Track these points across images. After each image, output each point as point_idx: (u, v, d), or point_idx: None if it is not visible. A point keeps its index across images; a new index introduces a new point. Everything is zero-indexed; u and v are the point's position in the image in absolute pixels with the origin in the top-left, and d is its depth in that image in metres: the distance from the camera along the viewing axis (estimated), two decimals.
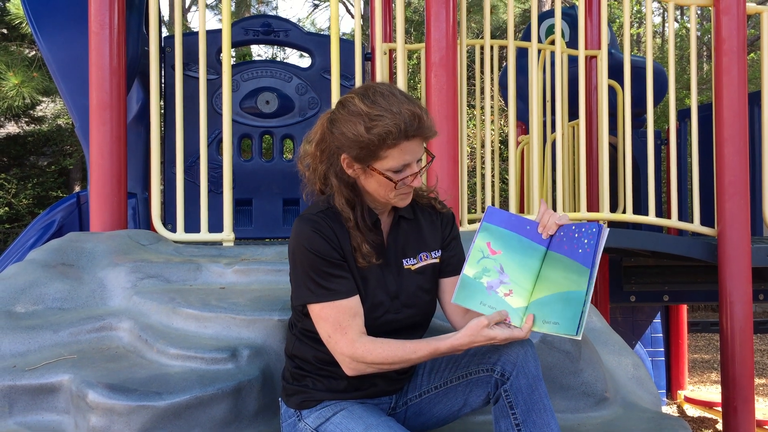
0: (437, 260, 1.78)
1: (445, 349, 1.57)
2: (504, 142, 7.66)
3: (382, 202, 1.70)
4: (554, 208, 4.34)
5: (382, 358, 1.59)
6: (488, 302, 1.62)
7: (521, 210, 5.06)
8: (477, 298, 1.63)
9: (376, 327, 1.66)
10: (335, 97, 3.03)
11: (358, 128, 1.59)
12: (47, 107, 11.54)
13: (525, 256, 1.64)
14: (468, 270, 1.65)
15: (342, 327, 1.61)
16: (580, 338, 1.55)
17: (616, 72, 4.22)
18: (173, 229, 3.00)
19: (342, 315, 1.62)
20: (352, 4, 15.57)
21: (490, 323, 1.55)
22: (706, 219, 3.55)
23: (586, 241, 1.59)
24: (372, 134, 1.58)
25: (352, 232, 1.67)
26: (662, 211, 5.66)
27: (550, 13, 5.51)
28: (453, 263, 1.78)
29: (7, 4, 8.97)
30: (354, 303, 1.64)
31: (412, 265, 1.75)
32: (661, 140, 5.28)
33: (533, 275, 1.63)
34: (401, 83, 3.40)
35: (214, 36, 3.78)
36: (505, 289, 1.62)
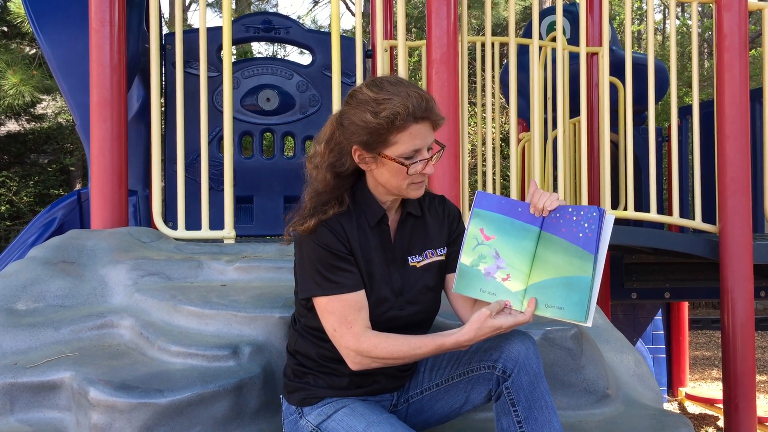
0: (443, 257, 1.77)
1: (450, 345, 1.57)
2: (505, 140, 7.66)
3: (395, 193, 1.69)
4: None
5: (386, 353, 1.59)
6: (488, 288, 1.62)
7: None
8: (476, 285, 1.63)
9: (380, 323, 1.66)
10: (336, 94, 3.03)
11: (366, 115, 1.59)
12: (48, 105, 11.54)
13: (519, 239, 1.63)
14: (464, 258, 1.65)
15: (347, 321, 1.61)
16: (589, 325, 1.54)
17: (617, 69, 4.21)
18: (174, 227, 3.00)
19: (348, 309, 1.61)
20: (352, 2, 15.56)
21: (492, 313, 1.55)
22: (708, 216, 3.55)
23: (586, 225, 1.57)
24: (380, 118, 1.58)
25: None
26: (663, 208, 5.65)
27: (552, 10, 5.51)
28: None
29: (8, 3, 8.97)
30: (360, 297, 1.64)
31: (418, 262, 1.74)
32: (663, 137, 5.28)
33: (529, 257, 1.61)
34: None
35: (214, 33, 3.77)
36: (502, 274, 1.61)
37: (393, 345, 1.58)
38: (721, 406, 4.24)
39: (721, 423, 5.24)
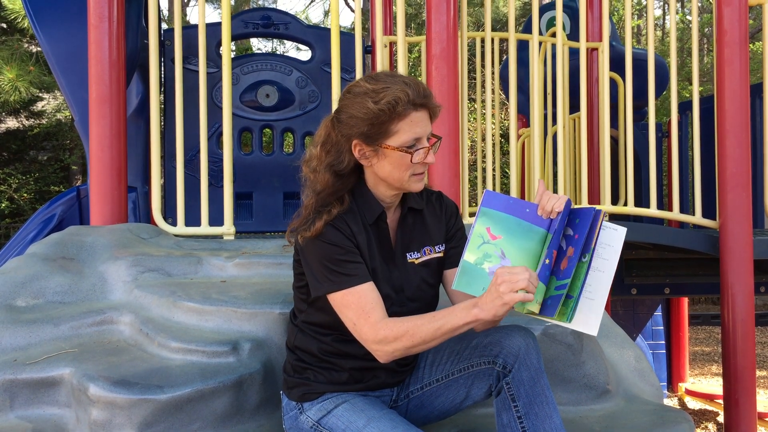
0: (441, 254, 1.77)
1: (476, 313, 1.49)
2: (505, 135, 7.65)
3: (397, 187, 1.68)
4: None
5: (405, 333, 1.53)
6: None
7: None
8: (479, 283, 1.60)
9: None
10: (336, 90, 3.02)
11: (366, 104, 1.59)
12: (49, 103, 11.53)
13: (526, 240, 1.61)
14: (468, 256, 1.62)
15: (365, 312, 1.58)
16: (554, 320, 1.50)
17: (617, 64, 4.20)
18: (174, 223, 2.99)
19: (363, 299, 1.59)
20: None
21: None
22: (708, 211, 3.54)
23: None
24: (381, 105, 1.58)
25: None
26: (663, 203, 5.65)
27: (551, 6, 5.50)
28: (458, 255, 1.76)
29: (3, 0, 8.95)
30: (373, 287, 1.62)
31: (416, 259, 1.74)
32: (663, 133, 5.27)
33: (535, 259, 1.59)
34: None
35: (213, 29, 3.77)
36: None
37: (412, 325, 1.54)
38: (721, 401, 4.25)
39: (721, 418, 5.24)
